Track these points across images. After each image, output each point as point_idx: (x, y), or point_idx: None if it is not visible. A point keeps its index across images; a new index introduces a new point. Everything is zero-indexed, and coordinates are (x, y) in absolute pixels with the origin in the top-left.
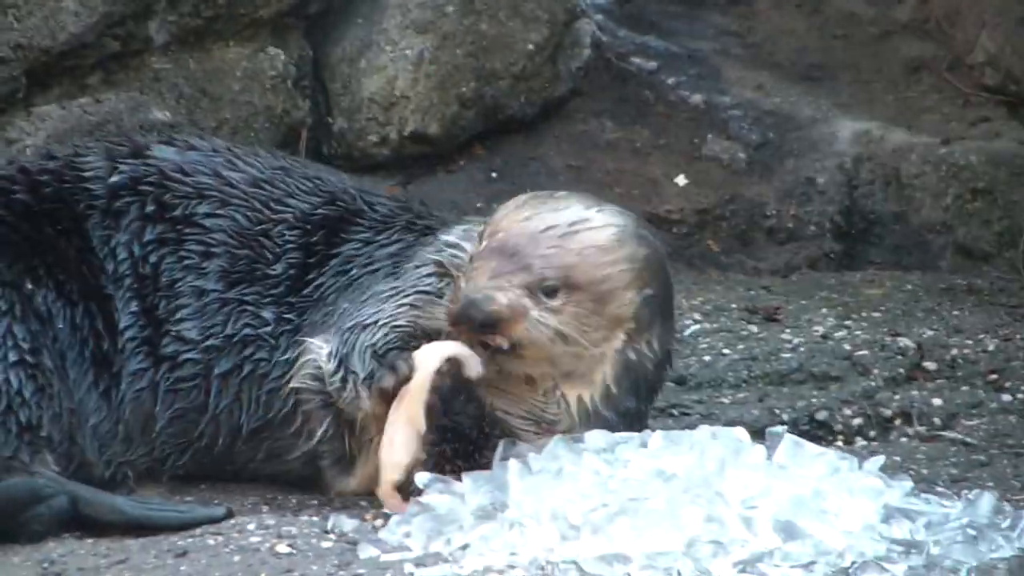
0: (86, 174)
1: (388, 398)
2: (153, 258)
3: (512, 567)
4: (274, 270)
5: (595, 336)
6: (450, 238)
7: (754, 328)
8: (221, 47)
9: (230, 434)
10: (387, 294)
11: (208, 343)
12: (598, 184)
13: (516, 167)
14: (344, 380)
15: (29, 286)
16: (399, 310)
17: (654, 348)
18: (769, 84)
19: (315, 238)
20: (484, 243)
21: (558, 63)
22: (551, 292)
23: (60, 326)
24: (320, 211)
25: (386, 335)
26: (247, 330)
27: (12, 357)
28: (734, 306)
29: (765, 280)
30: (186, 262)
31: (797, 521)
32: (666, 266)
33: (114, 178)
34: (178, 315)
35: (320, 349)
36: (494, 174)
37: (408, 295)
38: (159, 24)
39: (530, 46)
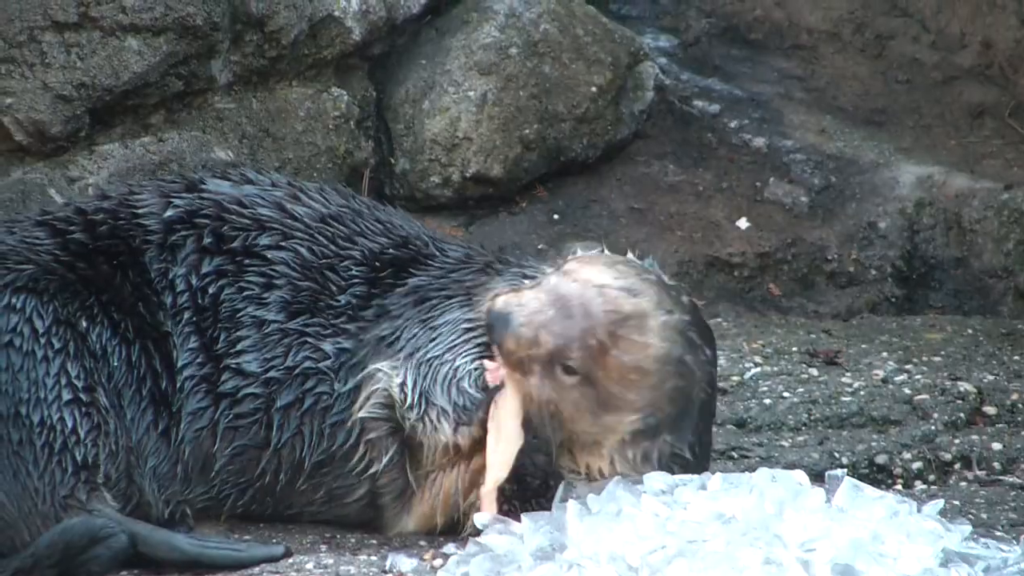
0: (140, 211)
1: (476, 436)
2: (212, 289)
3: None
4: (337, 301)
5: (587, 429)
6: (526, 273)
7: (814, 371)
8: (284, 87)
9: (291, 470)
10: (464, 327)
11: (269, 375)
12: (660, 226)
13: (578, 209)
14: (425, 413)
15: (84, 324)
16: (475, 348)
17: (651, 459)
18: (831, 128)
19: (384, 274)
20: (550, 277)
21: (621, 106)
22: (570, 372)
23: (115, 364)
24: (390, 252)
25: (470, 374)
26: (308, 363)
27: (66, 395)
28: (795, 349)
29: (826, 324)
30: (246, 293)
31: (856, 564)
32: (695, 386)
33: (169, 212)
34: (238, 347)
35: (390, 379)
36: (556, 216)
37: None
38: (222, 64)
39: (593, 89)
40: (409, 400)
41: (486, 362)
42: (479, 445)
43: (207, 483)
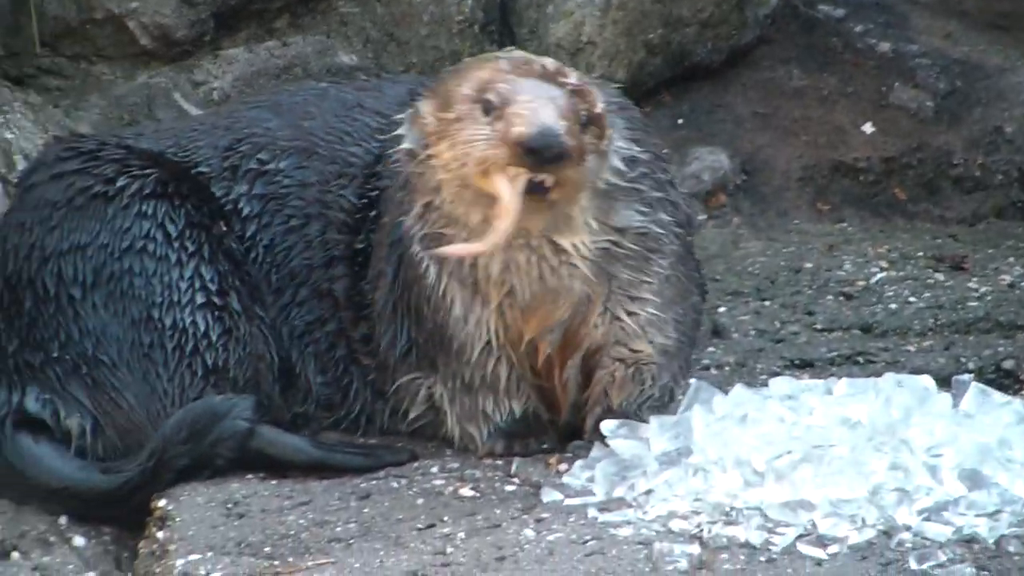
0: (200, 143)
1: None
2: (266, 218)
3: (696, 513)
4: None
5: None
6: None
7: (940, 276)
8: None
9: (373, 409)
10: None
11: (327, 328)
12: (784, 131)
13: (702, 114)
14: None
15: (223, 227)
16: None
17: (614, 157)
18: (957, 33)
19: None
20: (502, 86)
21: (745, 10)
22: (584, 127)
23: (249, 265)
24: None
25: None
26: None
27: (200, 299)
28: (920, 254)
29: (952, 229)
30: (292, 223)
31: (983, 469)
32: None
33: (220, 142)
34: (299, 297)
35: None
36: (680, 120)
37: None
38: None
39: None
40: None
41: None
42: None
43: (317, 402)
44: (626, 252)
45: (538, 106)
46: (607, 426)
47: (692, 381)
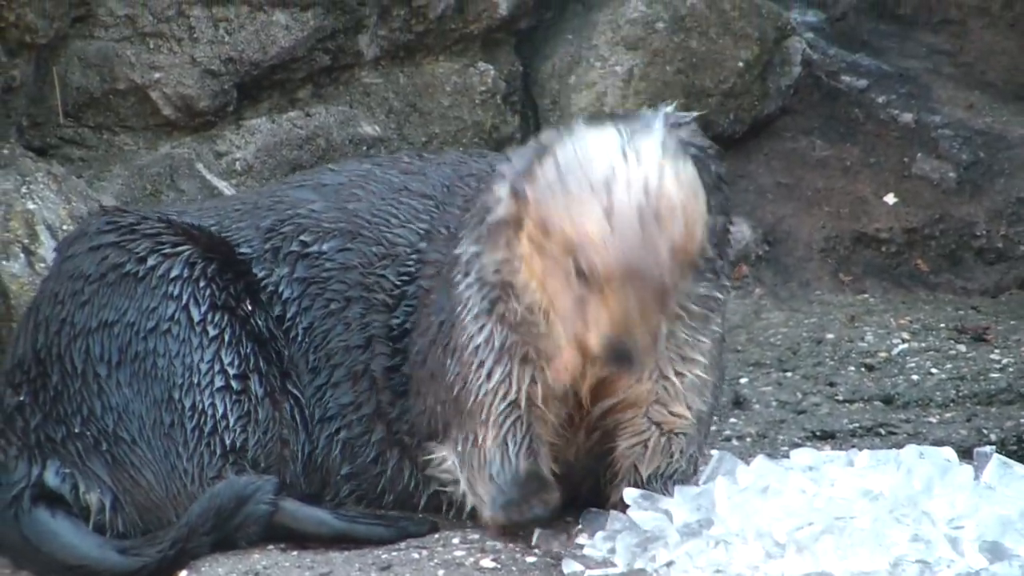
0: (243, 224)
1: None
2: (306, 302)
3: None
4: (396, 319)
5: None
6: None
7: (962, 348)
8: (431, 62)
9: (406, 494)
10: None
11: (362, 412)
12: (807, 202)
13: None
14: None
15: (249, 307)
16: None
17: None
18: (980, 103)
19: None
20: (595, 260)
21: (768, 81)
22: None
23: (280, 346)
24: (419, 245)
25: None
26: (384, 403)
27: (219, 382)
28: (943, 325)
29: (974, 300)
30: (332, 306)
31: (1004, 542)
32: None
33: (263, 223)
34: (334, 378)
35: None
36: None
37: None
38: (369, 39)
39: (740, 64)
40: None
41: None
42: None
43: (342, 488)
44: (690, 313)
45: (619, 314)
46: (629, 494)
47: (715, 452)
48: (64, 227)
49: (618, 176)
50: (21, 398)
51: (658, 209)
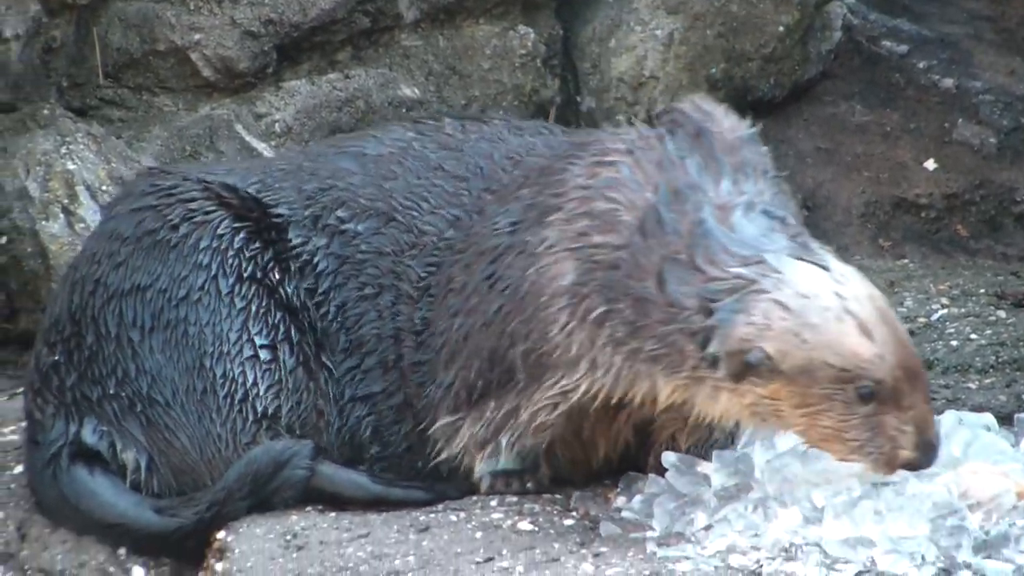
0: (284, 186)
1: None
2: (340, 279)
3: (755, 548)
4: (420, 311)
5: None
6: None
7: (1002, 313)
8: (471, 25)
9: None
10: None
11: (392, 402)
12: (846, 167)
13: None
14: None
15: (277, 276)
16: None
17: None
18: (1021, 69)
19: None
20: (902, 383)
21: (808, 45)
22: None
23: (303, 320)
24: (447, 235)
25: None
26: (411, 396)
27: (247, 352)
28: (982, 291)
29: (1014, 265)
30: (366, 291)
31: None
32: None
33: (306, 187)
34: (364, 365)
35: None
36: None
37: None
38: (409, 1)
39: (781, 28)
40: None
41: None
42: None
43: (368, 464)
44: None
45: (927, 422)
46: (667, 459)
47: None
48: (103, 188)
49: (846, 295)
50: (56, 357)
51: (885, 307)
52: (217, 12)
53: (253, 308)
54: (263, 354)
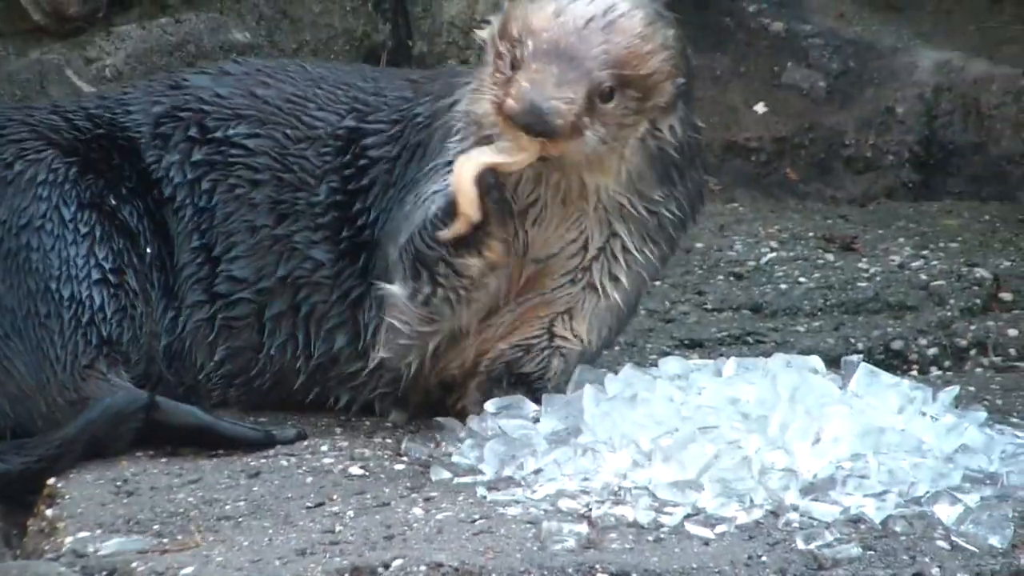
0: (132, 108)
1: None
2: (206, 185)
3: (584, 492)
4: (318, 195)
5: (630, 132)
6: (461, 94)
7: (830, 257)
8: None
9: (286, 373)
10: (425, 197)
11: (260, 285)
12: None
13: None
14: (426, 285)
15: (112, 202)
16: (435, 193)
17: (676, 132)
18: (850, 12)
19: (347, 158)
20: (530, 43)
21: None
22: (608, 95)
23: (142, 244)
24: (347, 123)
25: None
26: (299, 272)
27: (95, 275)
28: (811, 234)
29: (842, 209)
30: (237, 191)
31: (870, 450)
32: (687, 45)
33: (156, 108)
34: (232, 252)
35: (397, 297)
36: None
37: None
38: None
39: None
40: (419, 283)
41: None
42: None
43: (214, 373)
44: (639, 219)
45: (538, 79)
46: (492, 405)
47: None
48: None
49: None
50: None
51: (606, 16)
52: None
53: (97, 233)
54: (111, 277)
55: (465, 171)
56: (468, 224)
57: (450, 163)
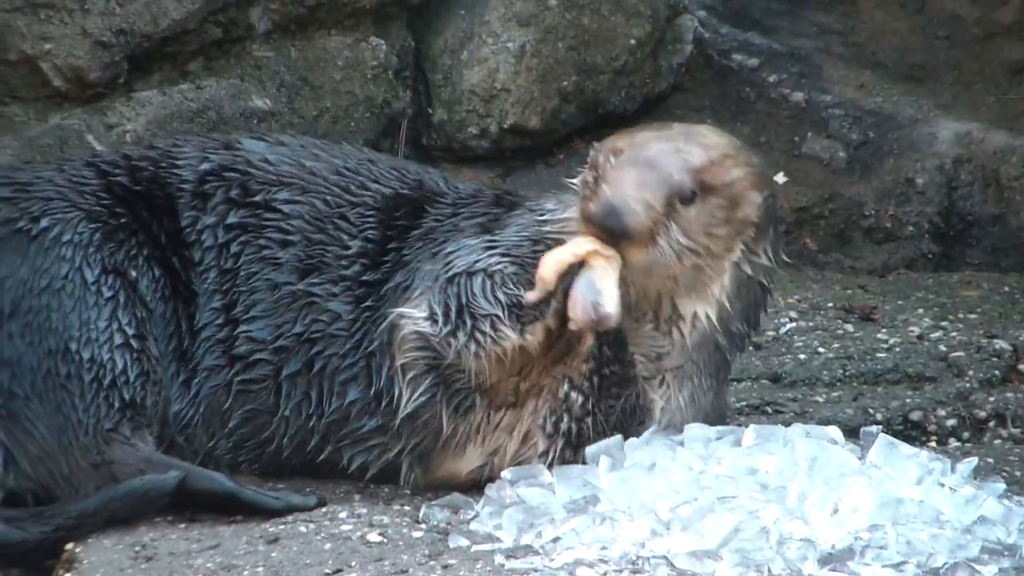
0: (179, 162)
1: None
2: (235, 247)
3: (603, 561)
4: (349, 248)
5: (721, 245)
6: (546, 204)
7: (850, 327)
8: (323, 36)
9: (300, 433)
10: (482, 247)
11: (278, 343)
12: None
13: None
14: (475, 328)
15: (132, 274)
16: (502, 260)
17: (769, 256)
18: (871, 83)
19: (397, 214)
20: (613, 158)
21: (659, 58)
22: (688, 200)
23: (158, 314)
24: (403, 192)
25: (512, 276)
26: (316, 326)
27: (118, 340)
28: (830, 305)
29: (862, 279)
30: (264, 252)
31: (889, 521)
32: (770, 175)
33: (204, 165)
34: (252, 312)
35: (414, 319)
36: None
37: (507, 247)
38: (261, 12)
39: (631, 41)
40: (450, 324)
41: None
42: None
43: (227, 439)
44: (712, 352)
45: (618, 183)
46: (510, 473)
47: None
48: None
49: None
50: None
51: (687, 133)
52: (68, 22)
53: (121, 299)
54: (134, 343)
55: (555, 253)
56: (545, 294)
57: (515, 228)
